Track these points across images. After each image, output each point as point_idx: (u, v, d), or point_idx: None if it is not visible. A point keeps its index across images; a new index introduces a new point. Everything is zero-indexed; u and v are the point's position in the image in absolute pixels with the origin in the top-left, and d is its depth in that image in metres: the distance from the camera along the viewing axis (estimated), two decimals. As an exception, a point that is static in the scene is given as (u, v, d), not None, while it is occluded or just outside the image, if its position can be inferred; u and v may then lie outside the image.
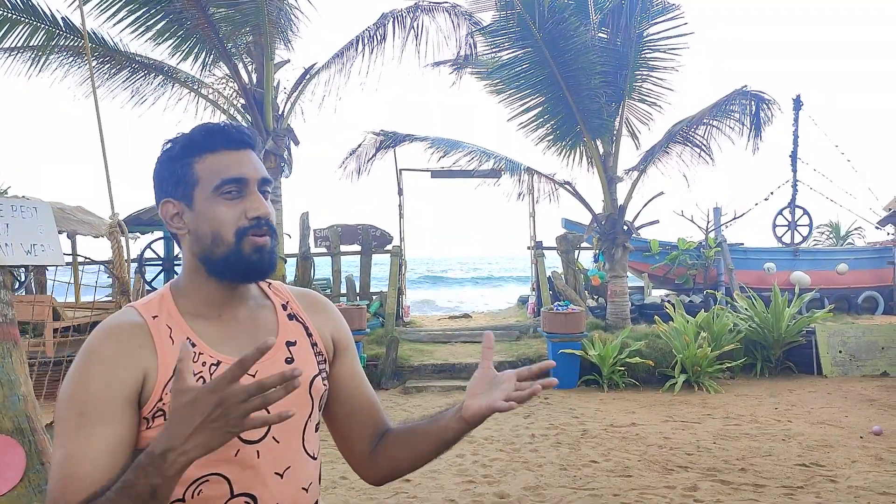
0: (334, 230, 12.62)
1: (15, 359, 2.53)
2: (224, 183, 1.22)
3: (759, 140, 11.20)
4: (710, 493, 4.85)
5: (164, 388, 1.17)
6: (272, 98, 10.30)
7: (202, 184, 1.23)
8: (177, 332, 1.22)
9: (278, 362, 1.28)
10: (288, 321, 1.35)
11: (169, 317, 1.24)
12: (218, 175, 1.23)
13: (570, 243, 12.56)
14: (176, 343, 1.21)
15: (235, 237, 1.22)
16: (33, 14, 9.07)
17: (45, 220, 3.25)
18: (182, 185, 1.25)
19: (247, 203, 1.23)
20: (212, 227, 1.23)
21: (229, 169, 1.23)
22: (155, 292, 1.29)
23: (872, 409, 7.38)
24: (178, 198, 1.26)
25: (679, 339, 8.86)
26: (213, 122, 1.29)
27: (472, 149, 10.86)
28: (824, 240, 18.43)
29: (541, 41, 9.86)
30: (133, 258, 12.42)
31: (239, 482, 1.20)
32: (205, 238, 1.24)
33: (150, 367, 1.18)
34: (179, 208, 1.26)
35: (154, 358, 1.18)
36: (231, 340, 1.26)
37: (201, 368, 1.20)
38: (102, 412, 1.13)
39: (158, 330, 1.21)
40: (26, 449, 2.44)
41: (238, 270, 1.24)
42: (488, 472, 5.44)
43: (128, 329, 1.20)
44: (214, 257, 1.24)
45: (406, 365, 9.48)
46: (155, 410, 1.16)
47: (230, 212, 1.22)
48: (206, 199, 1.23)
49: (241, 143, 1.26)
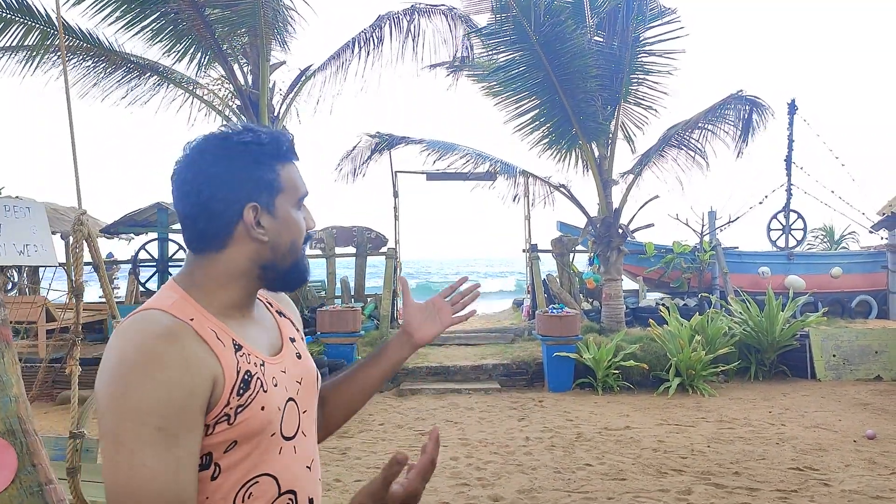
0: (329, 232, 12.61)
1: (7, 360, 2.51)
2: (304, 196, 1.28)
3: (746, 145, 11.22)
4: (703, 496, 4.85)
5: (231, 393, 1.12)
6: (268, 100, 10.28)
7: (287, 192, 1.24)
8: (223, 335, 1.17)
9: (292, 358, 1.32)
10: (280, 318, 1.38)
11: (205, 318, 1.17)
12: (298, 187, 1.27)
13: (565, 246, 12.57)
14: (227, 345, 1.16)
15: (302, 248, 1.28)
16: (28, 13, 9.04)
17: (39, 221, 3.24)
18: (266, 189, 1.22)
19: (307, 215, 1.30)
20: (293, 235, 1.25)
21: (303, 182, 1.29)
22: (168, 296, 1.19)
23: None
24: (263, 203, 1.21)
25: (673, 343, 8.87)
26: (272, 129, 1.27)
27: (467, 151, 10.86)
28: (818, 244, 18.48)
29: (537, 44, 9.87)
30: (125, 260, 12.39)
31: (284, 479, 1.20)
32: (282, 247, 1.24)
33: (216, 372, 1.12)
34: (259, 213, 1.21)
35: (216, 361, 1.12)
36: (258, 340, 1.26)
37: (256, 369, 1.18)
38: (185, 422, 1.06)
39: (207, 333, 1.14)
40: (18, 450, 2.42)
41: (295, 279, 1.29)
42: (482, 475, 5.43)
43: (179, 332, 1.11)
44: (284, 265, 1.25)
45: (400, 367, 9.44)
46: (220, 416, 1.11)
47: (302, 224, 1.28)
48: (289, 208, 1.25)
49: (297, 157, 1.31)
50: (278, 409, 1.19)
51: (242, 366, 1.16)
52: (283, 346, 1.31)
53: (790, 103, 14.34)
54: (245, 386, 1.15)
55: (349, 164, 12.13)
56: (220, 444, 1.12)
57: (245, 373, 1.16)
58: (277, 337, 1.32)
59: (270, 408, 1.17)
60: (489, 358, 10.00)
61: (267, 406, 1.17)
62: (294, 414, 1.25)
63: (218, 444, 1.12)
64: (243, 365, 1.16)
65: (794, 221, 14.53)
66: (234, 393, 1.13)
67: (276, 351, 1.29)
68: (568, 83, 10.31)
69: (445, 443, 6.45)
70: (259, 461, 1.16)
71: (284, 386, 1.24)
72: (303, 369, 1.32)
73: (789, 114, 14.27)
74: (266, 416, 1.16)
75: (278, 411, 1.19)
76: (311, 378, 1.33)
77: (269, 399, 1.17)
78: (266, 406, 1.16)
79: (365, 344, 9.87)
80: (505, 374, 9.49)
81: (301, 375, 1.30)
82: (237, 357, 1.16)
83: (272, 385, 1.20)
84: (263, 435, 1.16)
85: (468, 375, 9.46)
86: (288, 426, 1.22)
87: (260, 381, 1.17)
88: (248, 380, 1.16)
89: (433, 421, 7.33)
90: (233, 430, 1.12)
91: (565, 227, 13.59)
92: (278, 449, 1.19)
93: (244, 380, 1.15)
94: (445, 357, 10.24)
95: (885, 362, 9.33)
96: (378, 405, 8.12)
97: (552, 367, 8.97)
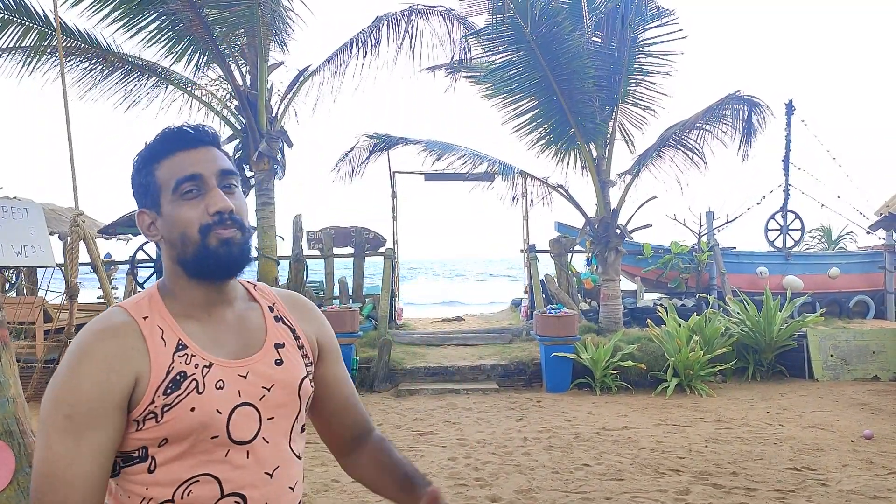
0: (327, 232, 12.60)
1: (4, 360, 2.51)
2: (179, 183, 1.22)
3: (750, 147, 11.23)
4: (701, 496, 4.86)
5: (156, 391, 1.16)
6: (266, 100, 10.29)
7: (164, 189, 1.24)
8: (168, 333, 1.21)
9: (268, 364, 1.29)
10: (275, 323, 1.36)
11: (160, 318, 1.23)
12: (174, 176, 1.23)
13: (563, 246, 12.57)
14: (168, 344, 1.20)
15: (200, 235, 1.21)
16: (26, 14, 9.03)
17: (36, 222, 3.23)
18: (149, 194, 1.26)
19: (207, 200, 1.23)
20: (178, 229, 1.23)
21: (184, 168, 1.23)
22: (142, 293, 1.28)
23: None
24: (149, 207, 1.27)
25: (671, 343, 8.88)
26: (169, 126, 1.29)
27: (465, 152, 10.86)
28: (816, 244, 18.50)
29: (534, 45, 9.88)
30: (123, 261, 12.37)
31: (229, 482, 1.20)
32: (175, 241, 1.24)
33: (142, 370, 1.16)
34: (152, 217, 1.27)
35: (146, 360, 1.17)
36: (221, 342, 1.26)
37: (194, 371, 1.19)
38: (93, 417, 1.12)
39: (151, 331, 1.20)
40: (16, 451, 2.43)
41: (210, 267, 1.23)
42: (480, 476, 5.43)
43: (120, 329, 1.18)
44: (187, 258, 1.23)
45: (399, 368, 9.47)
46: (146, 413, 1.16)
47: (192, 211, 1.22)
48: (169, 203, 1.23)
49: (196, 142, 1.26)
50: (217, 411, 1.18)
51: (176, 366, 1.18)
52: (259, 350, 1.29)
53: (788, 104, 14.35)
54: (174, 386, 1.17)
55: (347, 164, 12.13)
56: (151, 439, 1.16)
57: (178, 373, 1.18)
58: (258, 341, 1.30)
59: (204, 409, 1.17)
60: (487, 358, 10.00)
61: (199, 408, 1.17)
62: (251, 419, 1.23)
63: (150, 440, 1.17)
64: (178, 365, 1.19)
65: (791, 222, 14.53)
66: (159, 392, 1.16)
67: (246, 355, 1.27)
68: (566, 84, 10.31)
69: (443, 443, 6.45)
70: (201, 461, 1.18)
71: (237, 390, 1.22)
72: (278, 377, 1.28)
73: (787, 114, 14.27)
74: (197, 417, 1.17)
75: (217, 414, 1.18)
76: (287, 386, 1.29)
77: (202, 401, 1.18)
78: (197, 408, 1.17)
79: (363, 344, 9.86)
80: (503, 374, 9.49)
81: (273, 382, 1.27)
82: (174, 357, 1.19)
83: (213, 387, 1.20)
84: (199, 436, 1.17)
85: (466, 376, 9.46)
86: (238, 430, 1.21)
87: (195, 383, 1.18)
88: (178, 380, 1.18)
89: (431, 421, 7.33)
90: (161, 427, 1.16)
91: (563, 228, 13.59)
92: (224, 452, 1.20)
93: (174, 380, 1.17)
94: (443, 357, 10.24)
95: (883, 362, 9.34)
96: (376, 405, 8.12)
97: (550, 368, 8.97)
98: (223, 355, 1.24)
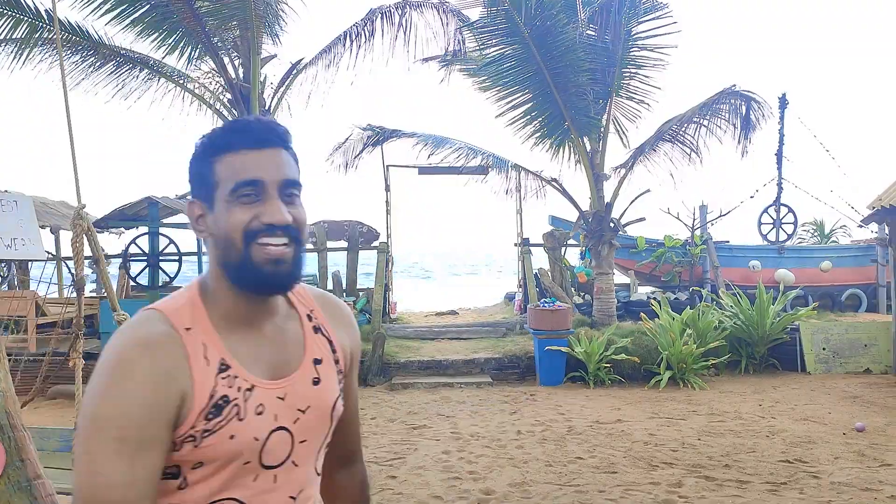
0: (321, 226, 12.58)
1: (-6, 355, 2.49)
2: (238, 186, 1.14)
3: (749, 142, 11.23)
4: (694, 489, 4.88)
5: (198, 416, 1.10)
6: (259, 93, 10.23)
7: (221, 186, 1.15)
8: (212, 351, 1.14)
9: (306, 383, 1.23)
10: (314, 334, 1.29)
11: (203, 331, 1.15)
12: (234, 177, 1.14)
13: (556, 240, 12.58)
14: (211, 363, 1.13)
15: (244, 241, 1.13)
16: (16, 6, 8.95)
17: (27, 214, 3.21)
18: (205, 185, 1.18)
19: (263, 208, 1.14)
20: (226, 230, 1.14)
21: (246, 170, 1.14)
22: (182, 294, 1.20)
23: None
24: (202, 199, 1.19)
25: (665, 336, 8.90)
26: (241, 119, 1.21)
27: (459, 145, 10.85)
28: (809, 238, 18.57)
29: (528, 37, 9.86)
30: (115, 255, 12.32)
31: None
32: (220, 243, 1.16)
33: (187, 391, 1.10)
34: (203, 210, 1.19)
35: (190, 381, 1.11)
36: (261, 357, 1.20)
37: (236, 395, 1.14)
38: (146, 437, 1.06)
39: (194, 347, 1.13)
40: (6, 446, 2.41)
41: (250, 282, 1.16)
42: (474, 469, 5.44)
43: (165, 344, 1.11)
44: (230, 263, 1.16)
45: (392, 361, 9.47)
46: (186, 436, 1.11)
47: (244, 215, 1.13)
48: (223, 201, 1.15)
49: (265, 142, 1.17)
50: (255, 439, 1.14)
51: (220, 389, 1.13)
52: (297, 369, 1.23)
53: (781, 98, 14.37)
54: (216, 411, 1.11)
55: (341, 156, 12.09)
56: (187, 461, 1.12)
57: (221, 398, 1.12)
58: (297, 357, 1.24)
59: (243, 438, 1.13)
60: (481, 352, 10.01)
61: (238, 436, 1.12)
62: (284, 444, 1.18)
63: (185, 462, 1.12)
64: (221, 388, 1.13)
65: (784, 215, 14.58)
66: (201, 417, 1.11)
67: (285, 373, 1.21)
68: (560, 77, 10.31)
69: (437, 436, 6.46)
70: (228, 484, 1.14)
71: (274, 414, 1.17)
72: (314, 397, 1.23)
73: (780, 108, 14.29)
74: (235, 445, 1.12)
75: (254, 441, 1.14)
76: (322, 407, 1.24)
77: (242, 429, 1.13)
78: (237, 435, 1.12)
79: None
80: (497, 367, 9.50)
81: (308, 403, 1.22)
82: (217, 379, 1.13)
83: (253, 413, 1.15)
84: (234, 462, 1.13)
85: (460, 369, 9.46)
86: (271, 456, 1.17)
87: (237, 409, 1.13)
88: (221, 405, 1.12)
89: (425, 415, 7.34)
90: (198, 451, 1.11)
91: (557, 222, 13.60)
92: (253, 476, 1.16)
93: (216, 405, 1.12)
94: (437, 351, 10.24)
95: (875, 355, 9.39)
96: (370, 399, 8.12)
97: (544, 361, 8.98)
98: (263, 373, 1.19)
